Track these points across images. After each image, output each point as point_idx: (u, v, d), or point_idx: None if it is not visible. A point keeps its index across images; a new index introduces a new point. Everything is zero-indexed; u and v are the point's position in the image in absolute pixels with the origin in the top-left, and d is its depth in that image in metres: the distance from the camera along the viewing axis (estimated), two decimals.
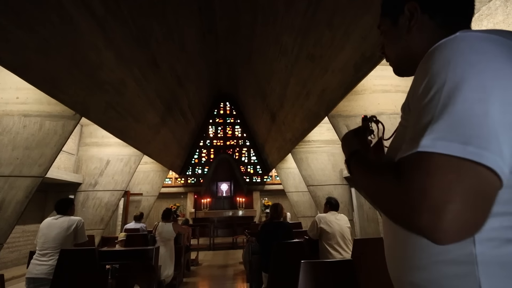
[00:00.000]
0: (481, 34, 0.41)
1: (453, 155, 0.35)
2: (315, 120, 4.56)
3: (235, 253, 7.36)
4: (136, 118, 4.82)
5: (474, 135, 0.34)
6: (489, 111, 0.35)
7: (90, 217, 5.33)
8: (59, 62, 2.82)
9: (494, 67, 0.38)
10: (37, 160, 3.26)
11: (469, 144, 0.34)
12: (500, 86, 0.36)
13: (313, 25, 3.33)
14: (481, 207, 0.34)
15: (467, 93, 0.36)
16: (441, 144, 0.35)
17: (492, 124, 0.35)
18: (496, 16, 3.12)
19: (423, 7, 0.54)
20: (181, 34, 5.07)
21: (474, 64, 0.38)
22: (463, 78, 0.37)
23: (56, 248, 2.64)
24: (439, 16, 0.53)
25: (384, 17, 0.62)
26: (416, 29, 0.55)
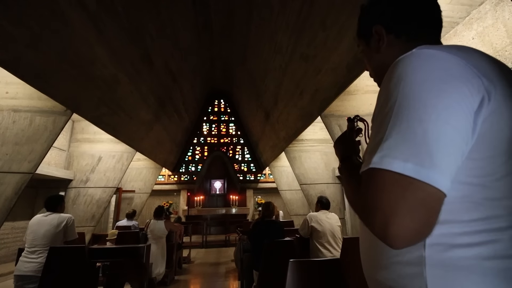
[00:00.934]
0: (433, 51, 0.44)
1: (395, 171, 0.39)
2: (308, 119, 4.59)
3: (228, 251, 7.39)
4: (129, 114, 4.78)
5: (414, 153, 0.38)
6: (428, 130, 0.39)
7: (81, 214, 5.27)
8: (50, 57, 2.78)
9: (438, 87, 0.40)
10: (27, 156, 3.21)
11: (409, 162, 0.38)
12: (440, 106, 0.39)
13: (307, 25, 3.35)
14: (424, 217, 0.38)
15: (410, 113, 0.40)
16: (386, 161, 0.40)
17: (430, 143, 0.38)
18: (486, 20, 3.19)
19: (387, 28, 0.60)
20: (175, 30, 5.03)
21: (420, 84, 0.41)
22: (409, 98, 0.41)
23: (45, 246, 2.62)
24: (403, 35, 0.58)
25: (359, 38, 0.68)
26: (385, 47, 0.60)
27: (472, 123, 0.41)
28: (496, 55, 3.06)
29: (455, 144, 0.39)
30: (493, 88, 0.41)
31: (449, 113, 0.39)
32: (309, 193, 6.12)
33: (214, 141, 11.41)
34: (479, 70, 0.42)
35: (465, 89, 0.40)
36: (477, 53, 0.46)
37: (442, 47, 0.46)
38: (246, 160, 11.32)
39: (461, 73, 0.41)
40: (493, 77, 0.42)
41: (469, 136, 0.41)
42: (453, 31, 3.57)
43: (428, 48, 0.45)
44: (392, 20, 0.60)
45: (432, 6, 0.59)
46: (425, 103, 0.40)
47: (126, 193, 7.57)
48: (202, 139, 11.36)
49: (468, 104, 0.40)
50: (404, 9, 0.59)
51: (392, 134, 0.41)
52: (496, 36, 3.01)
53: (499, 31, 2.99)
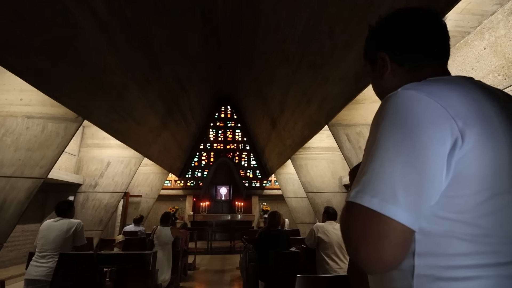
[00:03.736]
0: (414, 93, 0.47)
1: (364, 205, 0.43)
2: (315, 127, 4.58)
3: (232, 257, 7.34)
4: (138, 120, 4.85)
5: (381, 190, 0.43)
6: (395, 170, 0.43)
7: (89, 218, 5.34)
8: (63, 65, 2.86)
9: (410, 130, 0.44)
10: (39, 162, 3.29)
11: (375, 197, 0.42)
12: (409, 149, 0.43)
13: (314, 34, 3.36)
14: (387, 247, 0.42)
15: (383, 153, 0.44)
16: (359, 196, 0.44)
17: (396, 181, 0.42)
18: (498, 30, 3.15)
19: (391, 56, 0.61)
20: (183, 38, 5.11)
21: (395, 126, 0.45)
22: (384, 139, 0.45)
23: (55, 251, 2.65)
24: (406, 64, 0.59)
25: (366, 61, 0.70)
26: (389, 74, 0.61)
27: (445, 163, 0.43)
28: (509, 65, 3.01)
29: (419, 184, 0.42)
30: (469, 129, 0.43)
31: (416, 156, 0.43)
32: (315, 202, 6.06)
33: (221, 147, 11.46)
34: (455, 112, 0.44)
35: (436, 133, 0.43)
36: (459, 91, 0.48)
37: (426, 86, 0.48)
38: (252, 166, 11.31)
39: (435, 117, 0.44)
40: (470, 118, 0.44)
41: (439, 175, 0.43)
42: (464, 41, 3.53)
43: (411, 89, 0.48)
44: (397, 49, 0.60)
45: (439, 36, 0.59)
46: (396, 145, 0.44)
47: (133, 197, 7.64)
48: (208, 145, 11.43)
49: (438, 147, 0.43)
50: (409, 39, 0.59)
51: (368, 171, 0.45)
52: (509, 46, 2.97)
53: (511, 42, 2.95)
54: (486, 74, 3.24)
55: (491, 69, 3.20)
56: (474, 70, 3.40)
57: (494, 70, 3.16)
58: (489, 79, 3.22)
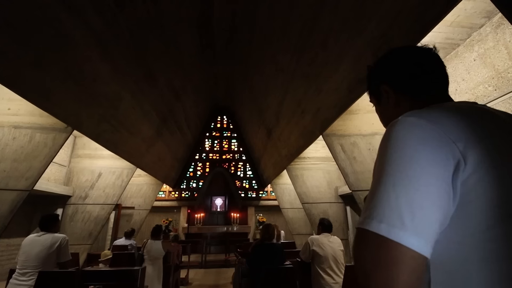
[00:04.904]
0: (414, 120, 0.48)
1: (372, 231, 0.43)
2: (310, 138, 4.56)
3: (227, 271, 7.13)
4: (130, 131, 4.78)
5: (387, 214, 0.43)
6: (400, 195, 0.43)
7: (78, 232, 5.16)
8: (53, 74, 2.81)
9: (412, 156, 0.45)
10: (25, 173, 3.18)
11: (383, 222, 0.42)
12: (411, 173, 0.44)
13: (308, 46, 3.39)
14: (398, 274, 0.41)
15: (388, 179, 0.45)
16: (367, 222, 0.44)
17: (401, 206, 0.42)
18: (487, 42, 3.20)
19: (394, 87, 0.65)
20: (178, 48, 5.13)
21: (398, 152, 0.46)
22: (389, 165, 0.46)
23: (37, 267, 2.53)
24: (409, 93, 0.63)
25: (370, 94, 0.74)
26: (394, 105, 0.65)
27: (451, 186, 0.44)
28: (499, 76, 3.04)
29: (425, 207, 0.42)
30: (470, 151, 0.44)
31: (419, 179, 0.43)
32: (312, 213, 5.97)
33: (216, 157, 11.36)
34: (455, 136, 0.45)
35: (437, 156, 0.44)
36: (459, 115, 0.49)
37: (426, 113, 0.50)
38: (248, 177, 11.21)
39: (435, 141, 0.45)
40: (471, 141, 0.45)
41: (445, 198, 0.43)
42: (454, 53, 3.58)
43: (411, 116, 0.49)
44: (398, 80, 0.65)
45: (435, 65, 0.63)
46: (399, 170, 0.45)
47: (125, 209, 7.46)
48: (204, 155, 11.33)
49: (440, 169, 0.44)
50: (407, 69, 0.64)
51: (374, 197, 0.46)
52: (498, 58, 3.01)
53: (500, 53, 2.99)
54: (477, 85, 3.27)
55: (481, 80, 3.23)
56: (465, 81, 3.43)
57: (485, 81, 3.19)
58: (479, 90, 3.25)
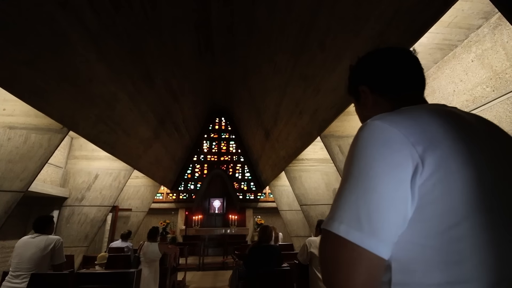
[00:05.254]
0: (379, 123, 0.49)
1: (333, 232, 0.45)
2: (307, 139, 4.54)
3: (225, 274, 7.07)
4: (128, 132, 4.75)
5: (347, 216, 0.45)
6: (358, 197, 0.45)
7: (74, 234, 5.11)
8: (48, 75, 2.79)
9: (372, 157, 0.46)
10: (19, 174, 3.15)
11: (342, 223, 0.45)
12: (371, 177, 0.45)
13: (306, 46, 3.38)
14: (359, 275, 0.43)
15: (348, 182, 0.47)
16: (329, 223, 0.47)
17: (360, 208, 0.44)
18: (484, 43, 3.20)
19: (371, 88, 0.66)
20: (176, 50, 5.11)
21: (360, 156, 0.48)
22: (351, 169, 0.48)
23: (31, 270, 2.49)
24: (386, 94, 0.65)
25: (350, 94, 0.75)
26: (372, 105, 0.66)
27: (409, 189, 0.44)
28: (497, 77, 3.04)
29: (382, 209, 0.44)
30: (429, 154, 0.45)
31: (378, 182, 0.44)
32: (310, 214, 5.94)
33: (214, 159, 11.33)
34: (415, 139, 0.46)
35: (395, 159, 0.45)
36: (424, 118, 0.50)
37: (392, 116, 0.51)
38: (246, 178, 11.17)
39: (395, 145, 0.46)
40: (432, 143, 0.46)
41: (403, 201, 0.44)
42: (451, 54, 3.59)
43: (377, 119, 0.51)
44: (375, 81, 0.66)
45: (412, 67, 0.65)
46: (361, 173, 0.46)
47: (122, 211, 7.40)
48: (202, 157, 11.29)
49: (399, 172, 0.45)
50: (384, 70, 0.65)
51: (338, 198, 0.48)
52: (496, 59, 3.01)
53: (498, 54, 2.99)
54: (475, 86, 3.27)
55: (479, 81, 3.23)
56: (463, 82, 3.43)
57: (482, 82, 3.19)
58: (477, 91, 3.25)
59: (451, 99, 3.54)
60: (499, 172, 0.48)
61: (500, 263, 0.43)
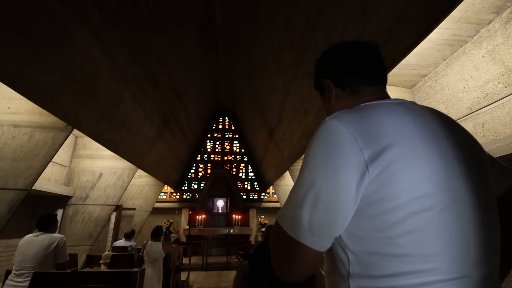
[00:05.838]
0: (334, 123, 0.51)
1: (280, 225, 0.51)
2: None
3: (229, 274, 7.03)
4: (132, 131, 4.74)
5: (292, 212, 0.49)
6: (305, 196, 0.48)
7: (78, 233, 5.11)
8: (52, 72, 2.77)
9: (322, 158, 0.49)
10: (24, 173, 3.13)
11: (288, 219, 0.50)
12: (319, 175, 0.48)
13: (311, 43, 3.32)
14: (298, 265, 0.50)
15: (301, 179, 0.50)
16: (280, 216, 0.52)
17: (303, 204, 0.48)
18: (496, 38, 3.11)
19: (334, 82, 0.67)
20: (181, 49, 5.09)
21: (312, 156, 0.50)
22: (305, 166, 0.51)
23: (34, 268, 2.47)
24: (347, 88, 0.65)
25: (315, 88, 0.75)
26: (334, 98, 0.67)
27: (353, 190, 0.46)
28: (509, 73, 2.95)
29: (325, 208, 0.47)
30: (374, 158, 0.46)
31: (324, 183, 0.47)
32: None
33: (218, 159, 11.30)
34: (365, 142, 0.47)
35: (342, 164, 0.47)
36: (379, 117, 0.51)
37: (348, 115, 0.52)
38: (250, 178, 11.12)
39: (344, 148, 0.48)
40: (378, 147, 0.47)
41: (346, 201, 0.47)
42: (461, 50, 3.50)
43: (334, 118, 0.52)
44: (337, 75, 0.67)
45: (371, 61, 0.66)
46: (310, 173, 0.49)
47: (126, 210, 7.40)
48: (205, 156, 11.28)
49: (344, 175, 0.46)
50: (345, 64, 0.66)
51: (290, 193, 0.52)
52: (508, 54, 2.92)
53: (510, 49, 2.90)
54: (486, 83, 3.19)
55: (490, 77, 3.14)
56: (473, 79, 3.34)
57: (494, 79, 3.11)
58: (489, 87, 3.16)
59: (461, 96, 3.45)
60: (451, 169, 0.48)
61: (453, 256, 0.44)
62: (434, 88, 3.71)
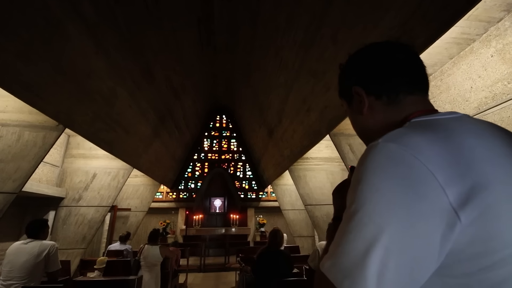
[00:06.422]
0: (396, 149, 0.40)
1: (333, 283, 0.37)
2: (315, 137, 4.36)
3: (227, 275, 6.92)
4: (127, 130, 4.56)
5: (352, 271, 0.36)
6: (370, 250, 0.36)
7: (71, 235, 4.92)
8: (43, 68, 2.59)
9: (389, 201, 0.37)
10: (12, 175, 2.95)
11: (347, 278, 0.37)
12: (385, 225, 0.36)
13: (316, 40, 3.19)
14: None
15: (358, 226, 0.38)
16: (333, 272, 0.38)
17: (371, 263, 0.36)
18: (506, 37, 3.02)
19: (366, 90, 0.56)
20: (178, 45, 4.91)
21: (372, 195, 0.38)
22: (361, 207, 0.38)
23: (23, 278, 2.32)
24: (383, 96, 0.55)
25: (341, 97, 0.65)
26: (367, 110, 0.56)
27: (438, 241, 0.36)
28: None
29: (397, 267, 0.36)
30: (469, 199, 0.35)
31: (395, 236, 0.36)
32: (315, 215, 5.78)
33: (215, 158, 11.14)
34: (446, 177, 0.36)
35: (419, 207, 0.36)
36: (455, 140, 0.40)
37: (410, 137, 0.41)
38: (248, 177, 11.00)
39: (417, 187, 0.36)
40: (467, 187, 0.36)
41: (425, 258, 0.36)
42: (469, 48, 3.41)
43: (392, 142, 0.41)
44: (371, 81, 0.56)
45: (411, 64, 0.55)
46: (373, 218, 0.37)
47: (121, 211, 7.21)
48: (202, 155, 11.10)
49: (424, 223, 0.36)
50: (379, 67, 0.56)
51: (342, 241, 0.39)
52: None
53: None
54: (495, 82, 3.10)
55: (499, 77, 3.06)
56: (481, 78, 3.26)
57: (503, 78, 3.02)
58: (497, 87, 3.08)
59: (468, 96, 3.37)
60: None
61: None
62: (439, 88, 3.62)
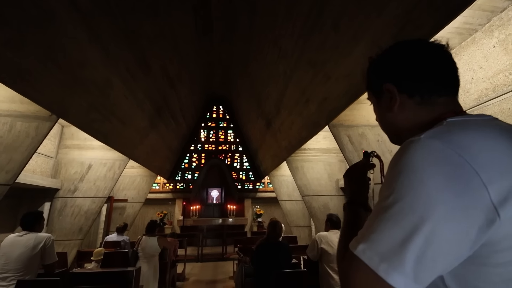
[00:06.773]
0: (440, 146, 0.41)
1: (371, 268, 0.40)
2: (314, 128, 4.33)
3: (225, 265, 7.00)
4: (122, 120, 4.47)
5: (389, 254, 0.39)
6: (408, 238, 0.38)
7: (68, 227, 4.90)
8: (34, 56, 2.49)
9: (431, 194, 0.38)
10: (5, 166, 2.88)
11: (384, 262, 0.39)
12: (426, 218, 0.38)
13: (316, 28, 3.11)
14: None
15: (398, 215, 0.40)
16: (368, 256, 0.41)
17: (407, 251, 0.38)
18: (509, 27, 2.97)
19: (399, 87, 0.56)
20: (174, 34, 4.78)
21: (415, 186, 0.40)
22: (402, 199, 0.40)
23: (19, 271, 2.28)
24: (417, 95, 0.54)
25: (369, 92, 0.65)
26: (398, 108, 0.56)
27: (475, 233, 0.38)
28: None
29: (433, 257, 0.38)
30: (509, 196, 0.37)
31: (434, 229, 0.38)
32: (312, 205, 5.82)
33: (212, 148, 11.09)
34: (489, 176, 0.37)
35: (461, 202, 0.37)
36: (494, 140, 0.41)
37: (453, 135, 0.42)
38: (245, 168, 11.00)
39: (462, 185, 0.38)
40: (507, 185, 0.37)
41: (463, 246, 0.38)
42: (471, 39, 3.36)
43: (436, 138, 0.42)
44: (405, 79, 0.56)
45: (446, 65, 0.55)
46: (413, 209, 0.39)
47: (118, 202, 7.19)
48: (199, 146, 11.04)
49: (465, 218, 0.37)
50: (417, 66, 0.55)
51: (379, 228, 0.41)
52: None
53: None
54: (496, 73, 3.08)
55: (501, 68, 3.03)
56: (482, 69, 3.23)
57: (505, 69, 2.99)
58: (499, 78, 3.06)
59: (468, 87, 3.35)
60: None
61: None
62: None
